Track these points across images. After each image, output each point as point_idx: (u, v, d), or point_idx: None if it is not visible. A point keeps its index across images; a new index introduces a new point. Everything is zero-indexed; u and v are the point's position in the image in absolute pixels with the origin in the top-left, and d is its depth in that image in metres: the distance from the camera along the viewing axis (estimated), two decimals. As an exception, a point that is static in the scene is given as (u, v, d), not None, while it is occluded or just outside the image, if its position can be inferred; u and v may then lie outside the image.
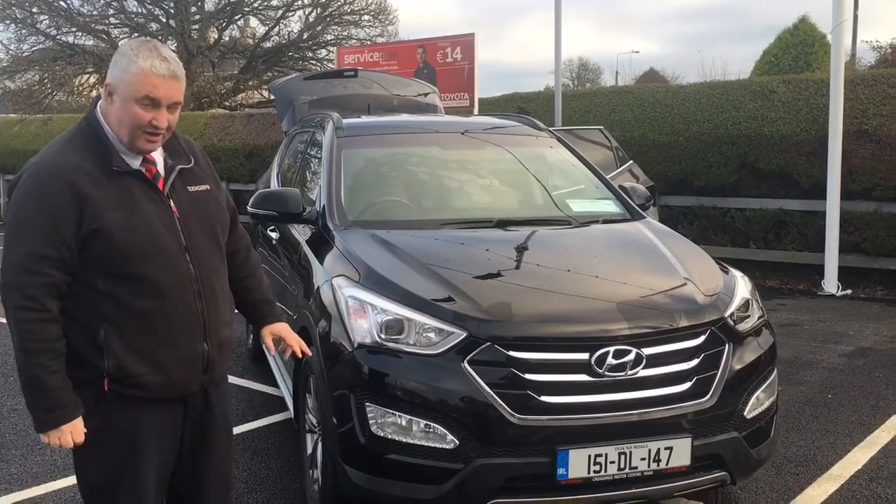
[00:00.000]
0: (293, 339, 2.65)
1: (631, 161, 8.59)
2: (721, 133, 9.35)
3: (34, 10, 21.59)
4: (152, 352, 2.20)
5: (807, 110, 8.91)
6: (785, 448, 4.25)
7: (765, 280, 8.93)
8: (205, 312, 2.27)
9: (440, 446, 2.94)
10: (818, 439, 4.43)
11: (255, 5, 23.35)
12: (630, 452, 2.94)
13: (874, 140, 8.43)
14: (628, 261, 3.75)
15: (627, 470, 2.95)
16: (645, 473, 2.98)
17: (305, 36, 23.29)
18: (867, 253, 8.52)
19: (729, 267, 3.78)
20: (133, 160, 2.23)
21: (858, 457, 4.18)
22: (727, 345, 3.20)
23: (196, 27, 22.51)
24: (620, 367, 2.99)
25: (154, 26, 22.38)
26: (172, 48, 16.27)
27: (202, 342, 2.28)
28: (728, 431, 3.12)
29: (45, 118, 18.66)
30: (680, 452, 2.99)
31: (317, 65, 23.17)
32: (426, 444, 2.95)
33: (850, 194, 8.43)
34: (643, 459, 2.96)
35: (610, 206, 4.42)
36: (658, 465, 2.98)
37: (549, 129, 5.19)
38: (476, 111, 10.45)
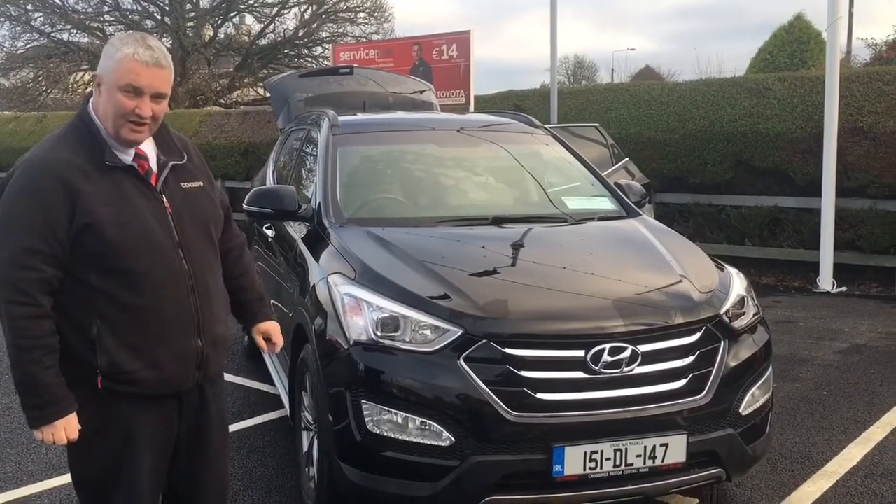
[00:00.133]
0: (278, 340, 2.68)
1: (626, 158, 8.57)
2: (716, 130, 9.36)
3: (29, 8, 21.47)
4: (145, 348, 2.19)
5: (802, 108, 8.92)
6: (780, 444, 4.25)
7: (760, 277, 8.93)
8: (198, 308, 2.27)
9: (436, 443, 2.94)
10: (813, 436, 4.44)
11: (251, 2, 23.24)
12: (626, 449, 2.94)
13: (869, 137, 8.44)
14: (624, 258, 3.75)
15: (623, 467, 2.95)
16: (640, 470, 2.98)
17: (301, 33, 23.21)
18: (862, 250, 8.53)
19: (724, 264, 3.79)
20: (125, 155, 2.22)
21: (853, 453, 4.19)
22: (722, 342, 3.21)
23: (191, 24, 22.41)
24: (616, 364, 2.99)
25: (149, 23, 22.28)
26: (167, 45, 16.22)
27: (196, 338, 2.27)
28: (723, 428, 3.12)
29: (40, 116, 18.61)
30: (675, 449, 3.00)
31: (312, 62, 23.08)
32: (422, 442, 2.95)
33: (846, 191, 8.44)
34: (639, 456, 2.96)
35: (606, 204, 4.42)
36: (654, 462, 2.98)
37: (545, 127, 5.19)
38: (472, 108, 10.44)
